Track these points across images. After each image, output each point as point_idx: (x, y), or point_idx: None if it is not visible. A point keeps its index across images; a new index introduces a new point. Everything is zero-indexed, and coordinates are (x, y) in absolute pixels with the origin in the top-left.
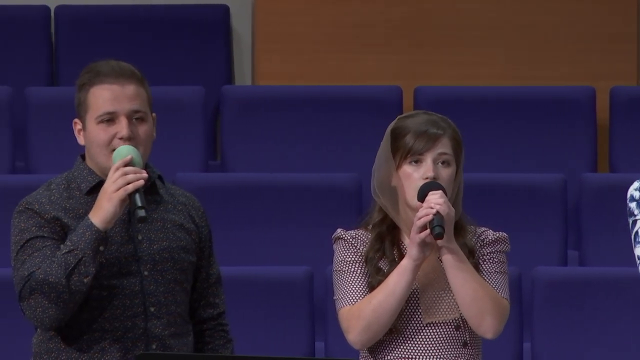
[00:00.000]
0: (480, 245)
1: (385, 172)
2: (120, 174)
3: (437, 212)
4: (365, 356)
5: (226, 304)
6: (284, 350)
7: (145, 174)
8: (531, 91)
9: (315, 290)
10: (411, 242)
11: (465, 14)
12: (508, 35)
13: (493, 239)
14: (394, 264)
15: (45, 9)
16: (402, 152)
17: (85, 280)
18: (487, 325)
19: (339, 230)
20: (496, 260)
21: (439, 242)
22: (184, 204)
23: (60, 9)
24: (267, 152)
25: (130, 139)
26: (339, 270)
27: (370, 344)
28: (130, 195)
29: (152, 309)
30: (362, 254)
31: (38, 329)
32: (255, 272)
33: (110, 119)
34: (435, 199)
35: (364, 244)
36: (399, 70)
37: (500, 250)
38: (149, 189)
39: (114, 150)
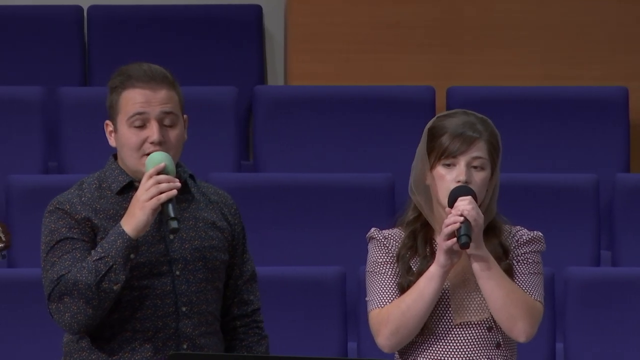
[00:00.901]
0: (515, 245)
1: (421, 171)
2: (153, 183)
3: (465, 220)
4: (397, 357)
5: (260, 301)
6: (316, 351)
7: (178, 183)
8: (564, 91)
9: (348, 291)
10: (439, 249)
11: (499, 15)
12: (541, 36)
13: (528, 238)
14: (425, 261)
15: (78, 8)
16: (437, 153)
17: (114, 288)
18: (518, 330)
19: (372, 229)
20: (531, 260)
21: (467, 250)
22: (216, 202)
23: (93, 8)
24: (300, 152)
25: (161, 144)
26: (371, 271)
27: (399, 348)
28: (163, 205)
29: (183, 309)
30: (395, 253)
31: (66, 331)
32: (288, 273)
33: (141, 122)
34: (464, 205)
35: (398, 242)
36: (433, 70)
37: (535, 251)
38: (181, 188)
39: (144, 154)
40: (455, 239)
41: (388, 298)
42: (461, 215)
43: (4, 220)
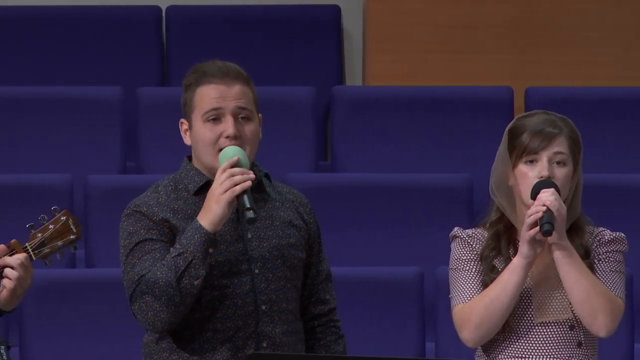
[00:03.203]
0: (597, 245)
1: (502, 171)
2: (227, 176)
3: (548, 209)
4: (480, 355)
5: (337, 300)
6: (394, 351)
7: (252, 175)
8: None
9: (426, 291)
10: (522, 240)
11: (577, 14)
12: (619, 35)
13: (610, 238)
14: (509, 262)
15: (157, 9)
16: (518, 151)
17: (195, 283)
18: (599, 324)
19: (456, 228)
20: (612, 259)
21: (549, 239)
22: (292, 201)
23: (171, 9)
24: (378, 152)
25: (236, 138)
26: (454, 269)
27: (483, 342)
28: (238, 197)
29: (263, 308)
30: (478, 252)
31: (149, 330)
32: (366, 273)
33: (216, 117)
34: (547, 196)
35: (480, 242)
36: (511, 70)
37: (616, 250)
38: (256, 188)
39: (220, 149)
40: (537, 228)
41: (472, 293)
42: (544, 205)
43: (82, 220)
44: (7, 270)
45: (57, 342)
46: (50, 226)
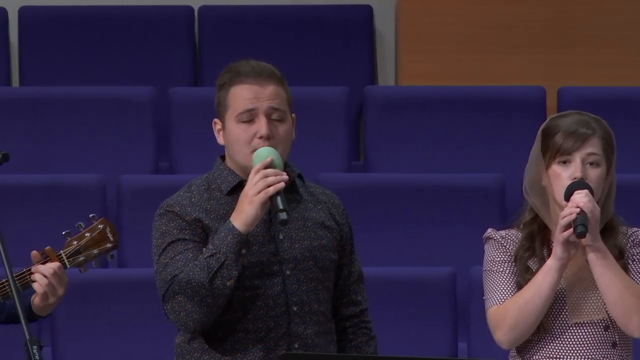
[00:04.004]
0: (631, 245)
1: (536, 172)
2: (260, 177)
3: (581, 211)
4: (514, 356)
5: (368, 301)
6: (426, 351)
7: (286, 176)
8: None
9: (458, 291)
10: (556, 242)
11: (610, 14)
12: None
13: None
14: (543, 262)
15: (189, 9)
16: (552, 152)
17: (228, 284)
18: (634, 324)
19: (489, 230)
20: None
21: (583, 240)
22: (324, 202)
23: (203, 9)
24: (411, 152)
25: (269, 138)
26: (488, 270)
27: (517, 344)
28: (272, 198)
29: (294, 309)
30: (512, 253)
31: (181, 330)
32: (399, 273)
33: (249, 117)
34: (580, 197)
35: (514, 243)
36: (543, 70)
37: None
38: (289, 188)
39: (253, 150)
40: (571, 230)
41: (506, 295)
42: (577, 207)
43: (114, 221)
44: (37, 276)
45: (89, 342)
46: (87, 234)
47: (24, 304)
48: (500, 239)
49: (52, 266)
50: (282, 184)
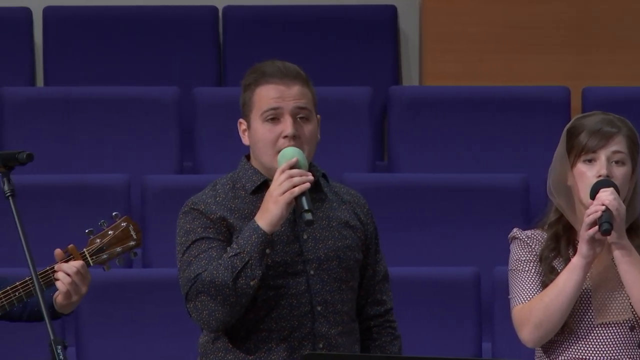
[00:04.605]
0: None
1: (561, 172)
2: (286, 177)
3: (607, 209)
4: (540, 356)
5: (393, 301)
6: (450, 351)
7: (311, 177)
8: None
9: (483, 291)
10: (581, 240)
11: (634, 14)
12: None
13: None
14: (568, 262)
15: (213, 9)
16: (577, 151)
17: (251, 283)
18: None
19: (515, 229)
20: None
21: (609, 238)
22: (349, 202)
23: (228, 9)
24: (435, 152)
25: (294, 138)
26: (514, 269)
27: (542, 343)
28: (297, 198)
29: (318, 308)
30: (537, 253)
31: (204, 329)
32: (423, 273)
33: (275, 117)
34: (606, 195)
35: (539, 243)
36: (568, 70)
37: None
38: (314, 188)
39: (279, 150)
40: (596, 227)
41: (531, 294)
42: (603, 205)
43: (139, 221)
44: (60, 274)
45: (113, 342)
46: (110, 232)
47: (46, 303)
48: (525, 239)
49: (75, 264)
50: (308, 185)
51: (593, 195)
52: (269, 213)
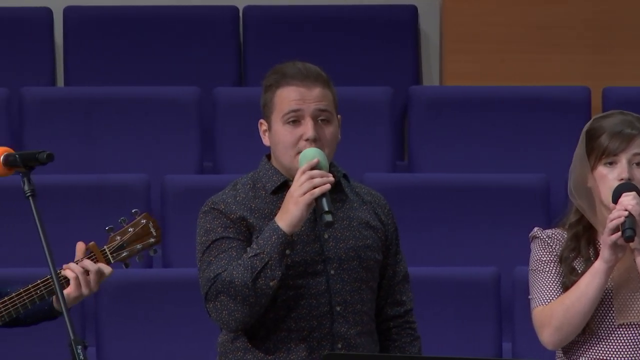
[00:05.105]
0: None
1: (581, 173)
2: (306, 178)
3: (630, 214)
4: (560, 356)
5: (413, 302)
6: (470, 351)
7: (332, 178)
8: None
9: (503, 291)
10: (603, 245)
11: None
12: None
13: None
14: (589, 263)
15: (234, 9)
16: (597, 153)
17: (271, 284)
18: None
19: (535, 228)
20: None
21: (632, 244)
22: (370, 202)
23: (248, 9)
24: (455, 152)
25: (315, 140)
26: (534, 270)
27: (563, 345)
28: (317, 199)
29: (338, 308)
30: (558, 253)
31: (223, 329)
32: (443, 273)
33: (295, 119)
34: (628, 200)
35: (560, 243)
36: (588, 70)
37: None
38: (334, 188)
39: (299, 152)
40: (619, 233)
41: (552, 295)
42: (625, 210)
43: (159, 220)
44: (68, 272)
45: (134, 342)
46: (130, 229)
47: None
48: (546, 239)
49: (102, 267)
50: (328, 186)
51: (615, 199)
52: (289, 214)
